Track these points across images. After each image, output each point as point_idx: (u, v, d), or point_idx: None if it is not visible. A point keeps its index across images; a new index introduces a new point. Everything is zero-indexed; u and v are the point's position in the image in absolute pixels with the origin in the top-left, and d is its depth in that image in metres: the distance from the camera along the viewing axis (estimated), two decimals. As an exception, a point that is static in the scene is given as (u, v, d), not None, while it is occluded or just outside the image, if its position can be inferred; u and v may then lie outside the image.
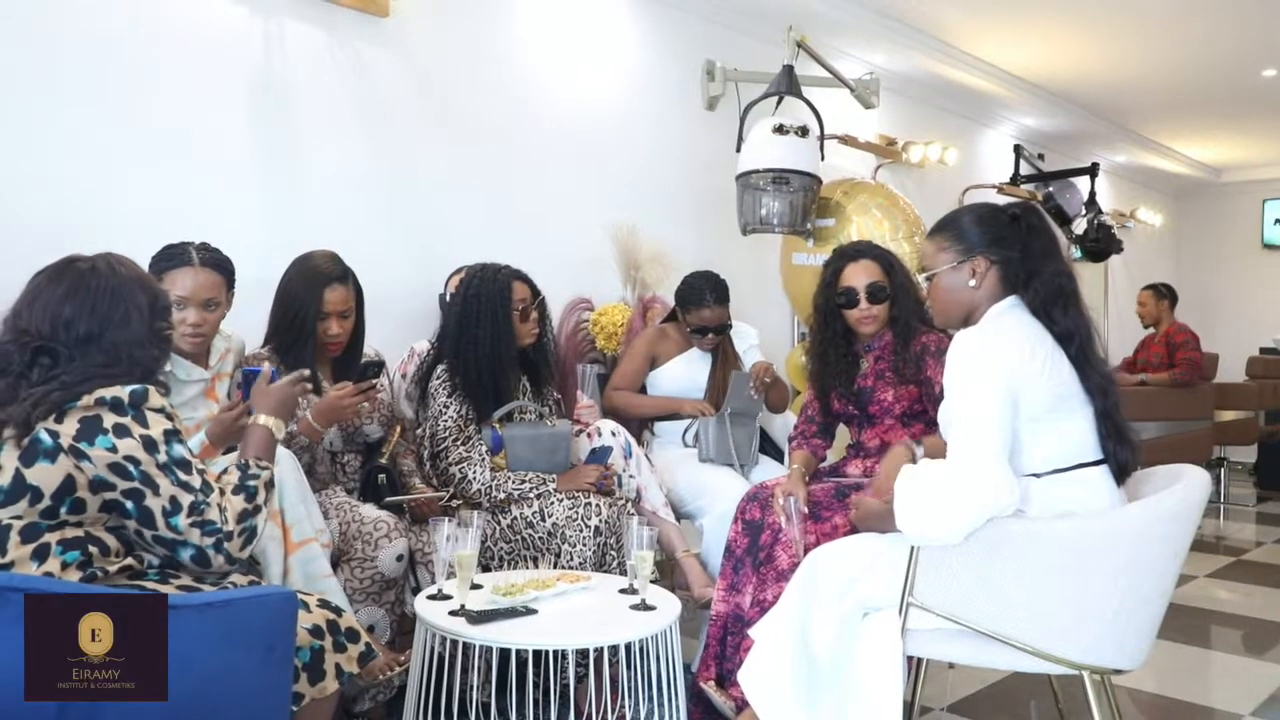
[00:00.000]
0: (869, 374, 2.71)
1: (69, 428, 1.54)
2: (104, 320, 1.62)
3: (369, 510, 2.48)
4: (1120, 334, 7.79)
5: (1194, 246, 9.72)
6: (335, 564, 2.35)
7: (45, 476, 1.54)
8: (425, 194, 3.54)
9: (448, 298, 3.20)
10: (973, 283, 2.02)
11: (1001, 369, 1.86)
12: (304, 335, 2.55)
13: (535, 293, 2.89)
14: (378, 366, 2.57)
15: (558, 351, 3.70)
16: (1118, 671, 1.93)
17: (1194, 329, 6.64)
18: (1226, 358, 7.39)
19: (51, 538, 1.55)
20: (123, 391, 1.58)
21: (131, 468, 1.56)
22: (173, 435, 1.62)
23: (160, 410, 1.62)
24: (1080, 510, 1.90)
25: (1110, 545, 1.84)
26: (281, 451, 2.24)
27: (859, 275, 2.68)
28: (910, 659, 2.06)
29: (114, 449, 1.55)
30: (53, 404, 1.54)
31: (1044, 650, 1.85)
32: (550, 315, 3.01)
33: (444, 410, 2.73)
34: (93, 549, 1.59)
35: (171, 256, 2.32)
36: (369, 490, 2.63)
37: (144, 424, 1.58)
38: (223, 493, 1.69)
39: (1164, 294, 6.40)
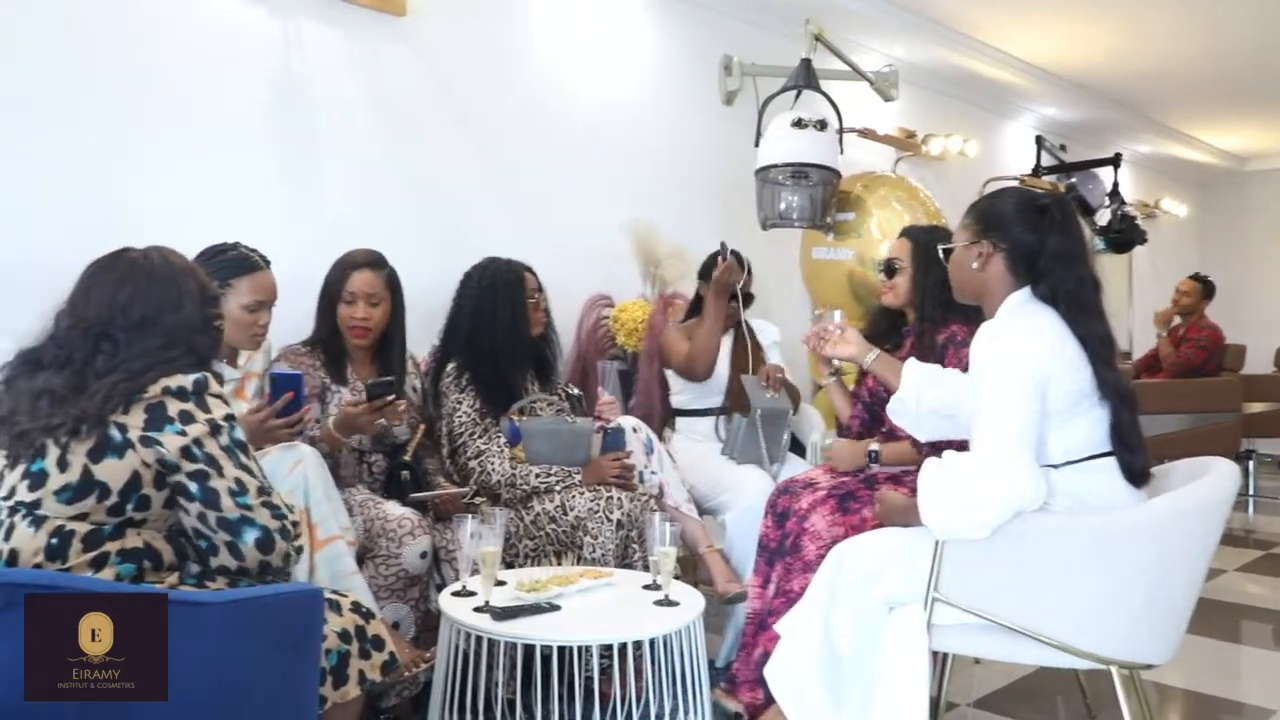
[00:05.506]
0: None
1: (135, 419, 1.55)
2: (159, 304, 1.64)
3: (392, 508, 2.49)
4: (1145, 325, 7.70)
5: (1220, 236, 9.60)
6: (360, 561, 2.36)
7: (113, 472, 1.54)
8: (444, 192, 3.54)
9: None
10: (975, 265, 2.01)
11: (1030, 362, 1.84)
12: (330, 322, 2.61)
13: (540, 286, 2.95)
14: (387, 385, 2.45)
15: (578, 349, 3.71)
16: (1147, 666, 1.91)
17: (1220, 319, 6.59)
18: (1254, 349, 7.30)
19: (112, 546, 1.55)
20: (186, 380, 1.59)
21: (197, 450, 1.57)
22: (232, 419, 1.63)
23: (219, 396, 1.63)
24: (1097, 499, 1.89)
25: (1137, 539, 1.82)
26: (307, 449, 2.26)
27: (890, 249, 2.84)
28: (935, 654, 2.05)
29: (183, 433, 1.56)
30: (122, 395, 1.55)
31: (1071, 645, 1.84)
32: (552, 311, 3.03)
33: (457, 406, 2.74)
34: (147, 562, 1.59)
35: (238, 262, 2.37)
36: (393, 488, 2.64)
37: (206, 409, 1.60)
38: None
39: (1206, 288, 6.40)
